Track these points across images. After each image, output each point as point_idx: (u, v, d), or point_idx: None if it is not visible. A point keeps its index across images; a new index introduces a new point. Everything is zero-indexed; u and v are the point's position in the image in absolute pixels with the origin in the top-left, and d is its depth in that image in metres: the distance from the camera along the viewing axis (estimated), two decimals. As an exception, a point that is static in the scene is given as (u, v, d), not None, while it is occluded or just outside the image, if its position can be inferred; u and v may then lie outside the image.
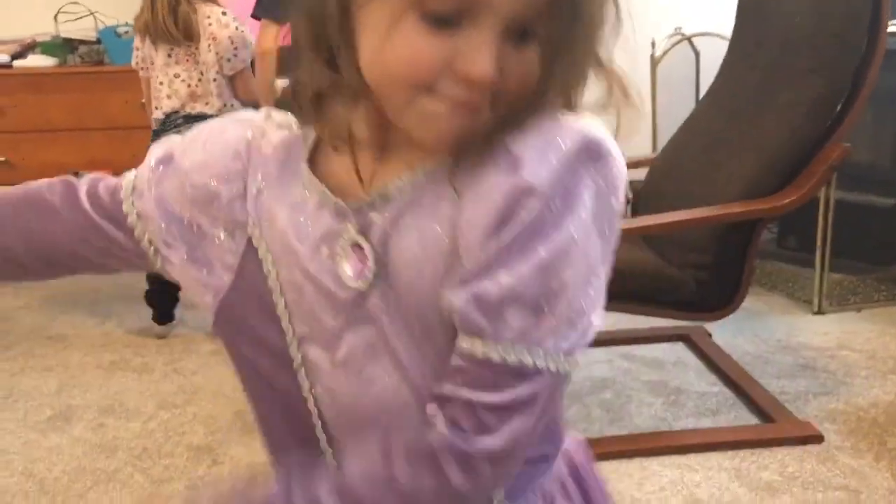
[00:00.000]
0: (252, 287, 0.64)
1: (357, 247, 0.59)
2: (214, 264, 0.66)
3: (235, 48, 2.56)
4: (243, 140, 0.65)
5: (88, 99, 3.35)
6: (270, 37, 2.50)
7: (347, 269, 0.59)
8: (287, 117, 0.66)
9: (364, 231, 0.59)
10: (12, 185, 3.00)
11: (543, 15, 0.53)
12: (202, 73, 2.57)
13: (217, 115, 2.87)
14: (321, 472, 0.59)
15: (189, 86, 2.58)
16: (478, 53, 0.52)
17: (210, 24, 2.54)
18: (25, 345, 2.73)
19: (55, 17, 3.46)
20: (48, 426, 2.18)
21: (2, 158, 3.42)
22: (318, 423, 0.64)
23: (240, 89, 2.62)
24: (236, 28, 2.57)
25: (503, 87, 0.54)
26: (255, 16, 2.54)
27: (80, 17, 3.48)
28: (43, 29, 3.54)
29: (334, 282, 0.60)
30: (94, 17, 3.46)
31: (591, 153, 0.55)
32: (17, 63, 3.47)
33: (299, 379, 0.63)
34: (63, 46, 3.52)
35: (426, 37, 0.53)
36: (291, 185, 0.63)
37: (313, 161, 0.63)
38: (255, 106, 2.70)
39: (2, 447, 2.08)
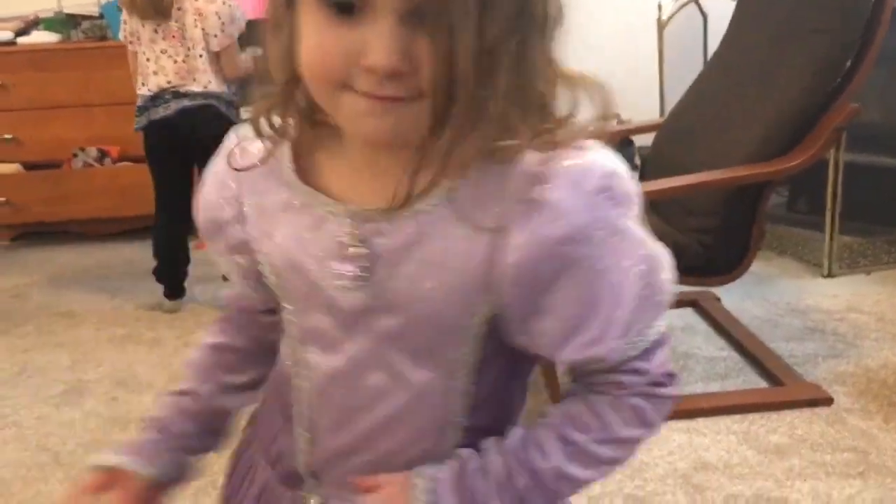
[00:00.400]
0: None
1: (357, 254, 0.60)
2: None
3: (222, 23, 2.52)
4: (227, 168, 0.67)
5: (92, 74, 3.34)
6: None
7: (347, 272, 0.61)
8: (248, 132, 0.66)
9: (366, 239, 0.60)
10: (17, 161, 3.00)
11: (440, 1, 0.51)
12: (189, 50, 2.53)
13: (203, 92, 2.84)
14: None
15: (175, 62, 2.54)
16: (375, 43, 0.52)
17: (196, 0, 2.51)
18: (37, 321, 2.75)
19: (57, -8, 3.45)
20: (62, 400, 2.20)
21: (8, 136, 3.43)
22: (303, 418, 0.68)
23: (226, 66, 2.57)
24: (223, 3, 2.52)
25: (419, 76, 0.52)
26: None
27: (82, -7, 3.46)
28: (46, 5, 3.53)
29: (337, 291, 0.62)
30: (96, -8, 3.45)
31: (613, 189, 0.58)
32: (20, 40, 3.46)
33: (292, 375, 0.68)
34: (66, 22, 3.51)
35: (330, 28, 0.53)
36: (283, 197, 0.64)
37: (301, 170, 0.64)
38: (241, 82, 2.69)
39: (16, 422, 2.11)
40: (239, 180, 0.66)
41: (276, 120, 0.62)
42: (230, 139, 0.69)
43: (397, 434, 0.64)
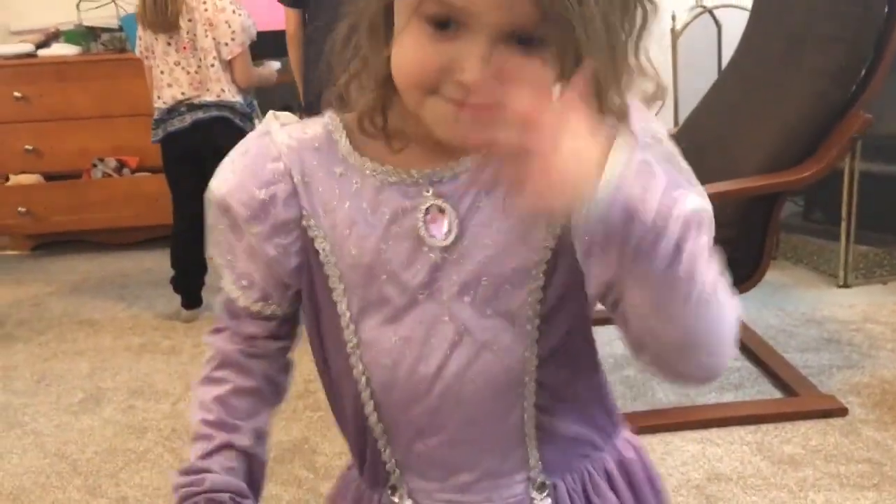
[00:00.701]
0: (314, 274, 0.67)
1: (439, 211, 0.63)
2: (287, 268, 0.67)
3: (233, 32, 2.54)
4: (272, 144, 0.66)
5: (112, 86, 3.39)
6: (291, 22, 2.51)
7: (434, 230, 0.63)
8: (290, 115, 0.69)
9: (442, 196, 0.63)
10: (38, 172, 3.05)
11: (540, 22, 0.54)
12: (201, 60, 2.56)
13: (216, 102, 2.87)
14: None
15: (189, 73, 2.57)
16: (466, 60, 0.55)
17: (206, 10, 2.53)
18: (57, 330, 2.79)
19: (77, 5, 3.51)
20: (80, 408, 2.23)
21: (29, 147, 3.48)
22: (370, 404, 0.67)
23: (239, 74, 2.60)
24: (233, 12, 2.55)
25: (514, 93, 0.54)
26: (281, 0, 2.54)
27: (102, 6, 3.52)
28: (66, 18, 3.59)
29: (408, 255, 0.63)
30: (116, 5, 3.50)
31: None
32: (41, 52, 3.52)
33: (352, 361, 0.66)
34: (86, 35, 3.56)
35: (428, 41, 0.57)
36: (338, 173, 0.65)
37: (355, 145, 0.66)
38: (252, 91, 2.72)
39: (36, 429, 2.13)
40: (287, 157, 0.66)
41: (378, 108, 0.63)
42: (269, 120, 0.68)
43: (471, 396, 0.64)
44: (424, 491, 0.69)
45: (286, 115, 0.69)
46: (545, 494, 0.68)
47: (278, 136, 0.67)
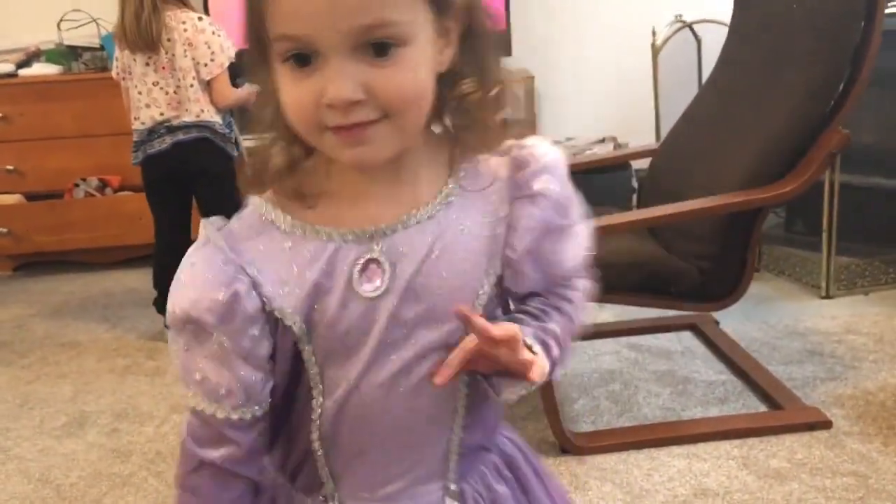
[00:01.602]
0: (281, 337, 0.71)
1: (373, 262, 0.68)
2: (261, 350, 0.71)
3: (213, 53, 2.54)
4: (216, 250, 0.69)
5: (93, 105, 3.38)
6: None
7: (366, 285, 0.68)
8: (220, 219, 0.72)
9: (387, 251, 0.69)
10: (19, 192, 3.05)
11: (378, 27, 0.60)
12: (180, 80, 2.55)
13: (196, 123, 2.88)
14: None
15: (167, 93, 2.56)
16: (331, 82, 0.61)
17: (186, 30, 2.52)
18: (40, 352, 2.77)
19: (58, 24, 3.49)
20: (63, 432, 2.21)
21: (10, 167, 3.46)
22: (318, 433, 0.73)
23: (217, 95, 2.59)
24: (213, 32, 2.54)
25: (381, 99, 0.62)
26: None
27: (83, 24, 3.51)
28: (46, 37, 3.58)
29: (365, 306, 0.69)
30: (97, 24, 3.49)
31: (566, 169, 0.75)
32: (22, 72, 3.51)
33: (314, 403, 0.72)
34: (67, 54, 3.55)
35: (296, 80, 0.62)
36: (286, 245, 0.69)
37: (293, 215, 0.70)
38: (230, 111, 2.71)
39: (19, 454, 2.11)
40: (237, 252, 0.69)
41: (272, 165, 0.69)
42: (204, 230, 0.71)
43: (413, 425, 0.73)
44: (355, 498, 0.76)
45: (217, 220, 0.71)
46: (455, 500, 0.77)
47: (219, 241, 0.69)
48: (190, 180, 2.64)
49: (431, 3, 0.63)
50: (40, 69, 3.51)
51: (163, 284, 2.76)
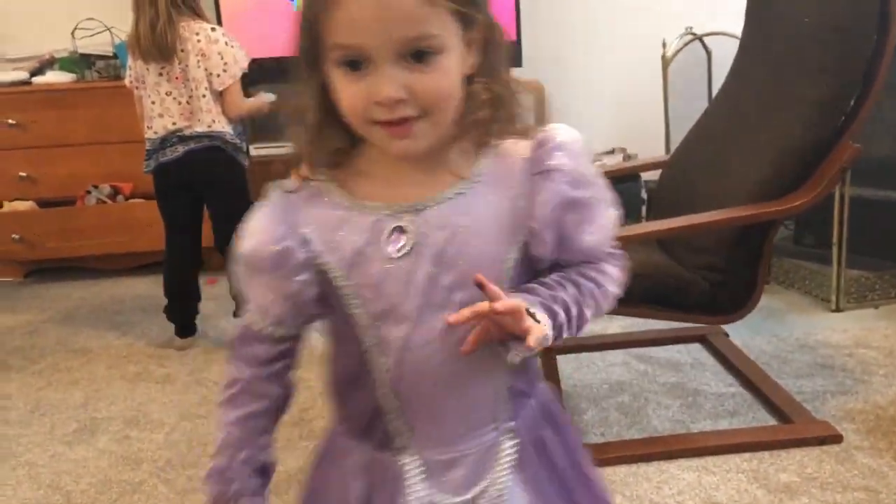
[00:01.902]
0: (333, 296, 0.83)
1: (398, 229, 0.80)
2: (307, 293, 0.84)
3: (225, 64, 2.55)
4: (276, 209, 0.84)
5: (106, 113, 3.40)
6: None
7: (391, 247, 0.80)
8: (289, 182, 0.84)
9: (419, 224, 0.80)
10: (32, 198, 3.08)
11: (419, 39, 0.73)
12: (193, 90, 2.56)
13: (208, 133, 2.93)
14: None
15: (180, 103, 2.57)
16: (378, 84, 0.74)
17: (199, 41, 2.53)
18: (51, 358, 2.78)
19: (72, 33, 3.52)
20: (74, 439, 2.22)
21: (23, 173, 3.49)
22: (387, 388, 0.83)
23: (229, 105, 2.60)
24: (225, 43, 2.56)
25: (421, 98, 0.74)
26: None
27: (97, 33, 3.53)
28: (61, 45, 3.61)
29: (399, 268, 0.80)
30: (111, 33, 3.51)
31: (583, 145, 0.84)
32: (35, 79, 3.53)
33: (373, 357, 0.82)
34: (80, 62, 3.58)
35: (349, 82, 0.75)
36: (337, 213, 0.82)
37: (345, 190, 0.83)
38: (242, 122, 2.73)
39: (30, 460, 2.12)
40: (292, 214, 0.83)
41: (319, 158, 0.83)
42: (272, 190, 0.85)
43: (465, 365, 0.81)
44: (425, 447, 0.85)
45: (285, 183, 0.84)
46: (510, 437, 0.87)
47: (279, 202, 0.84)
48: (201, 189, 2.66)
49: (460, 19, 0.75)
50: (54, 77, 3.54)
51: (173, 293, 2.78)
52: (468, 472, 0.85)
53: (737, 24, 2.45)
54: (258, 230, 0.84)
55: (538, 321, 0.78)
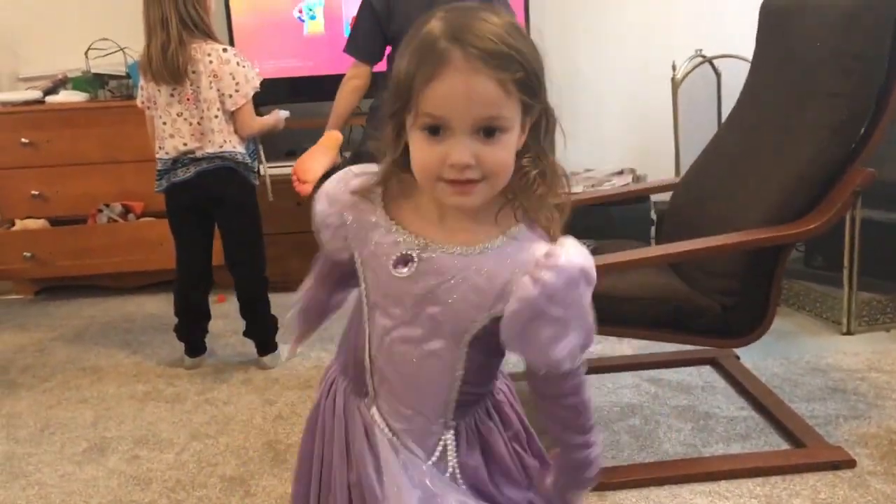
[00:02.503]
0: (354, 269, 1.04)
1: (410, 257, 0.96)
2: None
3: (237, 84, 2.56)
4: (337, 191, 1.03)
5: (119, 132, 3.42)
6: (361, 76, 2.53)
7: (400, 268, 0.96)
8: (365, 168, 1.01)
9: (423, 256, 0.96)
10: (44, 216, 3.11)
11: (493, 119, 0.87)
12: (204, 112, 2.57)
13: (219, 154, 2.96)
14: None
15: (191, 125, 2.58)
16: (454, 150, 0.88)
17: (211, 62, 2.54)
18: (61, 377, 2.79)
19: (86, 53, 3.55)
20: (84, 458, 2.22)
21: (35, 192, 3.51)
22: (367, 350, 1.03)
23: (241, 125, 2.61)
24: (237, 63, 2.57)
25: (485, 167, 0.89)
26: (346, 51, 2.56)
27: (110, 53, 3.56)
28: (74, 65, 3.63)
29: (400, 282, 0.96)
30: (124, 53, 3.54)
31: (587, 276, 0.93)
32: (49, 99, 3.56)
33: (367, 327, 1.02)
34: (94, 82, 3.60)
35: (428, 144, 0.90)
36: (372, 220, 1.00)
37: (387, 206, 0.99)
38: (253, 141, 2.74)
39: (39, 480, 2.12)
40: (344, 199, 1.01)
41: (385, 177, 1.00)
42: (345, 172, 1.04)
43: (425, 372, 0.99)
44: (385, 410, 1.03)
45: (360, 168, 1.02)
46: (450, 430, 1.03)
47: (343, 186, 1.03)
48: (212, 208, 2.67)
49: (523, 107, 0.90)
50: (67, 96, 3.56)
51: (183, 313, 2.78)
52: (413, 447, 1.03)
53: (746, 47, 2.45)
54: (321, 202, 1.05)
55: None
